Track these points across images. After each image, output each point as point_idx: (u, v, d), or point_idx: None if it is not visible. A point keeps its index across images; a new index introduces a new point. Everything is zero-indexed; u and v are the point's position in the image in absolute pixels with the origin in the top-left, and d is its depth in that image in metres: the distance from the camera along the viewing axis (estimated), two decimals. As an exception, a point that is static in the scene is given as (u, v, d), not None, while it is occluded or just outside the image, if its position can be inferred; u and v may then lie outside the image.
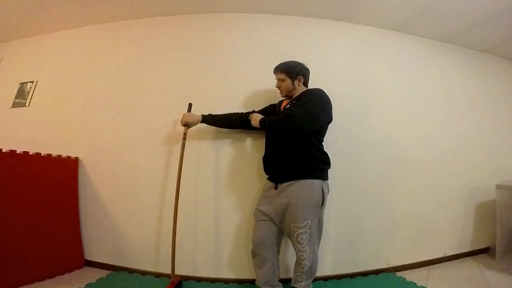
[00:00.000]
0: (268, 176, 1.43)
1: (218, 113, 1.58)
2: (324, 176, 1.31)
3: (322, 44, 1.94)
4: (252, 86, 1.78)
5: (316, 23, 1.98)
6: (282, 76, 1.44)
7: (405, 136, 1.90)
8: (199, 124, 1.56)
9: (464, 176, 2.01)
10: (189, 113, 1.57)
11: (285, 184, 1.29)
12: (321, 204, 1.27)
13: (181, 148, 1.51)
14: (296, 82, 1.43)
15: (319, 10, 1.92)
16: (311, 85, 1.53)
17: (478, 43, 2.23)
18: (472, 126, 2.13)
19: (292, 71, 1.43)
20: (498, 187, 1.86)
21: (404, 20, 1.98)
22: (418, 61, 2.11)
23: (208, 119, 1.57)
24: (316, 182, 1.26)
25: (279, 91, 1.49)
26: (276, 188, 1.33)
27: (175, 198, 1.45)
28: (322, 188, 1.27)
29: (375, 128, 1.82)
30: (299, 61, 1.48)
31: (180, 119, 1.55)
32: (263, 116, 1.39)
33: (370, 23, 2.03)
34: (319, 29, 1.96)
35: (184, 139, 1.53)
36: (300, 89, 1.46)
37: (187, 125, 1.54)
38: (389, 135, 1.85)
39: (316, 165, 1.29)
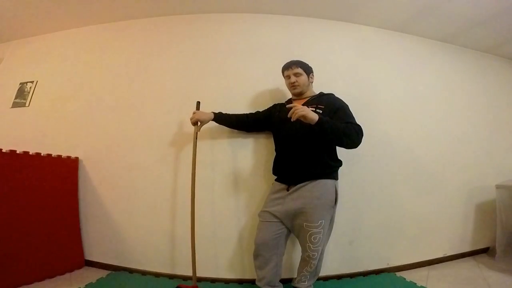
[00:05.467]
0: (277, 177, 1.42)
1: (227, 113, 1.58)
2: (336, 176, 1.33)
3: (322, 44, 1.94)
4: (253, 86, 1.78)
5: (316, 23, 1.98)
6: (299, 70, 1.42)
7: (405, 135, 1.90)
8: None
9: (464, 176, 2.01)
10: (198, 110, 1.54)
11: (298, 185, 1.28)
12: (334, 203, 1.28)
13: (193, 148, 1.47)
14: (310, 78, 1.45)
15: (319, 10, 1.92)
16: (314, 88, 1.54)
17: (478, 43, 2.23)
18: (472, 126, 2.12)
19: (307, 67, 1.46)
20: (498, 187, 1.86)
21: (404, 20, 1.98)
22: (418, 61, 2.11)
23: (219, 118, 1.54)
24: (330, 182, 1.28)
25: (292, 87, 1.44)
26: (288, 189, 1.32)
27: (191, 199, 1.42)
28: (335, 188, 1.29)
29: (375, 128, 1.82)
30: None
31: (190, 117, 1.50)
32: (318, 116, 1.16)
33: (370, 23, 2.03)
34: (319, 29, 1.96)
35: (196, 138, 1.49)
36: (311, 88, 1.48)
37: (197, 123, 1.49)
38: (389, 135, 1.85)
39: (330, 165, 1.31)
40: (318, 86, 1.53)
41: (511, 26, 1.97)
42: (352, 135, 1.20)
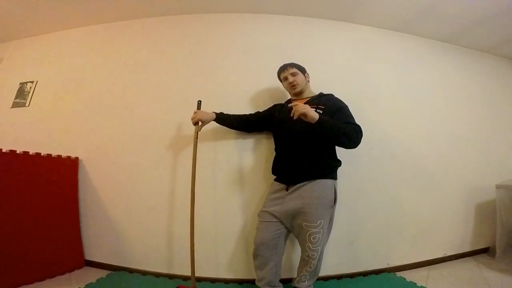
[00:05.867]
0: (276, 177, 1.42)
1: (228, 113, 1.58)
2: (335, 176, 1.34)
3: (322, 44, 1.94)
4: (252, 86, 1.78)
5: (316, 23, 1.98)
6: (295, 70, 1.46)
7: (405, 135, 1.90)
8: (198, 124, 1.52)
9: (464, 176, 2.01)
10: (200, 110, 1.53)
11: (298, 184, 1.28)
12: (333, 203, 1.28)
13: (194, 148, 1.46)
14: (306, 77, 1.48)
15: (319, 10, 1.92)
16: (312, 88, 1.54)
17: (478, 43, 2.23)
18: (472, 126, 2.12)
19: (300, 67, 1.49)
20: (498, 187, 1.86)
21: (404, 20, 1.98)
22: (418, 61, 2.11)
23: (221, 118, 1.54)
24: (329, 182, 1.28)
25: (291, 87, 1.45)
26: (287, 189, 1.32)
27: (191, 199, 1.41)
28: (335, 187, 1.29)
29: (375, 128, 1.82)
30: (297, 62, 1.51)
31: (192, 117, 1.48)
32: (318, 115, 1.17)
33: (370, 23, 2.03)
34: (319, 29, 1.97)
35: (196, 138, 1.47)
36: (310, 88, 1.49)
37: (198, 123, 1.48)
38: (389, 135, 1.85)
39: (330, 165, 1.31)
40: (318, 86, 1.53)
41: (511, 26, 1.97)
42: (351, 134, 1.21)
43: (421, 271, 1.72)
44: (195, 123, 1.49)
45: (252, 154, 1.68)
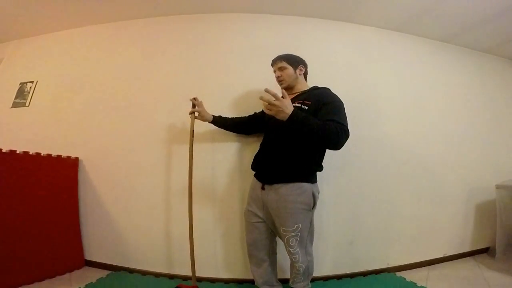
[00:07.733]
0: (255, 173, 1.37)
1: (224, 116, 1.59)
2: (314, 179, 1.25)
3: (322, 44, 1.94)
4: (252, 86, 1.78)
5: (316, 23, 1.98)
6: (283, 64, 1.34)
7: (405, 135, 1.90)
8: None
9: (464, 176, 2.01)
10: (203, 107, 1.56)
11: (274, 186, 1.22)
12: (312, 207, 1.22)
13: (190, 141, 1.47)
14: (298, 71, 1.36)
15: (319, 10, 1.92)
16: (311, 85, 1.53)
17: (478, 43, 2.23)
18: (472, 126, 2.12)
19: (293, 59, 1.37)
20: (498, 187, 1.86)
21: (404, 20, 1.98)
22: (418, 61, 2.10)
23: (217, 121, 1.56)
24: (306, 186, 1.20)
25: (278, 82, 1.38)
26: (263, 188, 1.28)
27: (189, 198, 1.42)
28: (312, 192, 1.21)
29: (375, 128, 1.82)
30: None
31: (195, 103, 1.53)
32: (296, 110, 1.07)
33: (370, 23, 2.03)
34: (319, 29, 1.96)
35: (193, 130, 1.49)
36: (303, 82, 1.39)
37: (194, 112, 1.51)
38: (389, 135, 1.85)
39: (308, 167, 1.23)
40: (318, 85, 1.53)
41: (511, 26, 1.97)
42: (329, 134, 1.05)
43: (421, 271, 1.72)
44: (191, 113, 1.50)
45: (252, 154, 1.66)
